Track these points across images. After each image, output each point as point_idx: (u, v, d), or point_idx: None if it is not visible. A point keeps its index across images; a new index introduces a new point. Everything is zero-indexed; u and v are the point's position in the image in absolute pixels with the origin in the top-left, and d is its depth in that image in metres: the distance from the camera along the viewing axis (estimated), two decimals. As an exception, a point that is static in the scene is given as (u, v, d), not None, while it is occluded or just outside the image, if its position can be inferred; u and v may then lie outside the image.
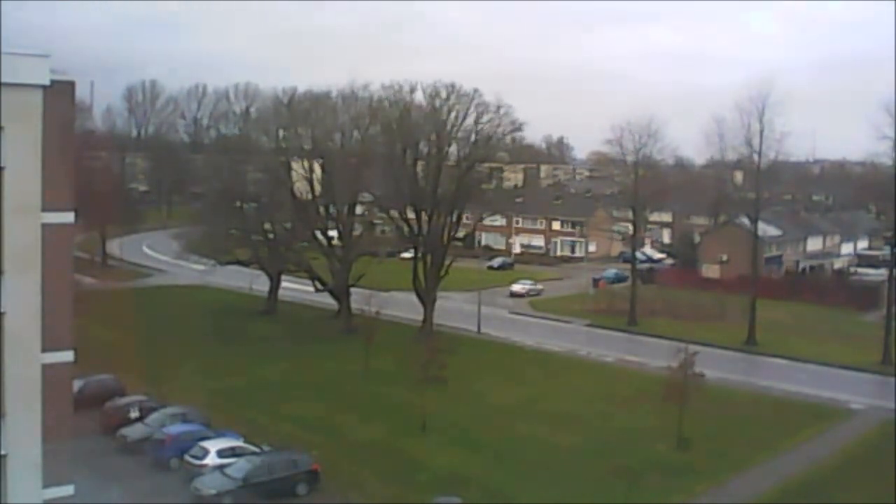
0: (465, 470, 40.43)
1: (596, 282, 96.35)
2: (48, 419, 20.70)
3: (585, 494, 38.22)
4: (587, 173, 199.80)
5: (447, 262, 72.30)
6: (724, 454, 43.67)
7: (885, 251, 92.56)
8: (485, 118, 72.37)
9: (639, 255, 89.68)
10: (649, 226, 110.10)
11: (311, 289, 77.93)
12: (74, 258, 24.83)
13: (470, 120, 72.07)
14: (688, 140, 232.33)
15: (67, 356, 21.22)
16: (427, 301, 70.93)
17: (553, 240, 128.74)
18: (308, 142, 76.68)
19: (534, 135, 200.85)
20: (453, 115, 71.83)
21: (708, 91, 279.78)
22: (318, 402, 50.97)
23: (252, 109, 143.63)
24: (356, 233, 75.91)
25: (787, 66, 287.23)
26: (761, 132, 69.95)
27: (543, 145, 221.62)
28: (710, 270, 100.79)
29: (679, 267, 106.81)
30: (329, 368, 58.80)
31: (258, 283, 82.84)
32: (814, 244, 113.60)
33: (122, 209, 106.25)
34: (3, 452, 20.27)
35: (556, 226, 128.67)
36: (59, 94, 20.35)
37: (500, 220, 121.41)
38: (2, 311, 20.04)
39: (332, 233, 75.88)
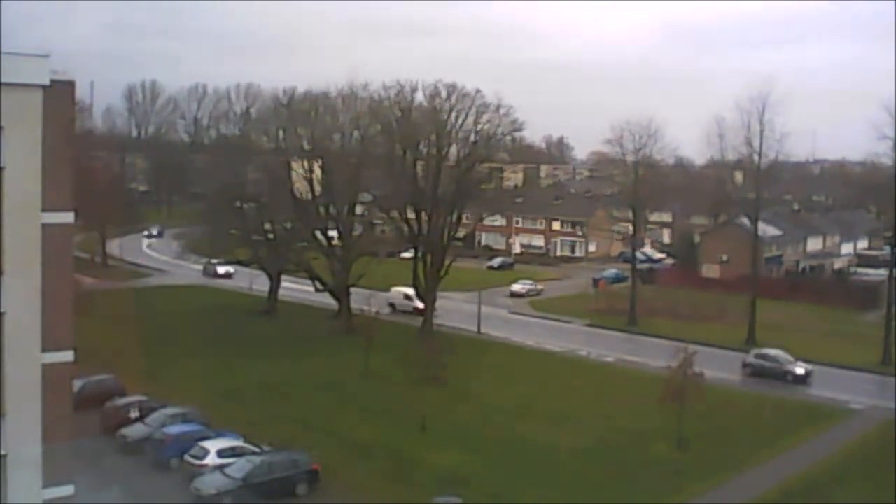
0: (464, 470, 40.40)
1: (596, 282, 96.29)
2: (48, 419, 20.72)
3: (585, 494, 38.23)
4: (587, 173, 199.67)
5: (447, 262, 72.28)
6: (725, 454, 43.64)
7: (885, 251, 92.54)
8: (485, 118, 72.48)
9: (639, 255, 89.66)
10: (649, 226, 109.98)
11: (311, 289, 77.94)
12: (74, 258, 24.84)
13: (470, 120, 72.14)
14: (688, 140, 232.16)
15: (67, 356, 21.25)
16: (427, 301, 70.94)
17: (553, 240, 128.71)
18: (308, 142, 76.70)
19: (534, 135, 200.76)
20: (453, 115, 71.85)
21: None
22: (317, 402, 50.96)
23: (252, 109, 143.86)
24: (356, 233, 75.92)
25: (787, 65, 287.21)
26: (761, 132, 70.01)
27: (543, 145, 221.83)
28: (710, 270, 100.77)
29: (679, 267, 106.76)
30: (329, 368, 58.77)
31: (258, 283, 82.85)
32: (814, 244, 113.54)
33: (122, 209, 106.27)
34: (3, 452, 20.29)
35: (556, 226, 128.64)
36: (59, 94, 20.38)
37: (500, 220, 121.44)
38: (2, 311, 20.06)
39: (332, 233, 75.89)
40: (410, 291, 76.66)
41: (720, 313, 78.74)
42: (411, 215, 72.70)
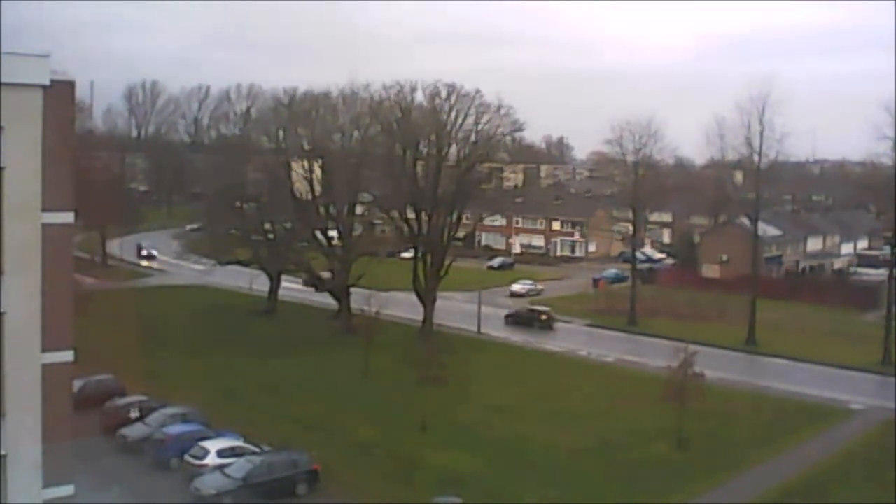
0: (465, 470, 40.41)
1: (596, 282, 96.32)
2: (48, 419, 20.72)
3: (585, 494, 38.23)
4: (587, 173, 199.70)
5: (447, 262, 72.27)
6: (724, 454, 43.65)
7: (885, 251, 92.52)
8: (485, 118, 72.47)
9: (639, 255, 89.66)
10: (649, 226, 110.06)
11: (311, 288, 77.93)
12: (74, 258, 24.84)
13: (470, 120, 72.13)
14: (688, 140, 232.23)
15: (67, 356, 21.25)
16: (427, 301, 70.91)
17: (553, 240, 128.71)
18: (308, 142, 76.69)
19: (534, 135, 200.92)
20: (453, 115, 71.84)
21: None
22: (317, 402, 50.95)
23: (252, 110, 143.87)
24: (356, 233, 75.89)
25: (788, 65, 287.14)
26: (761, 132, 70.05)
27: (543, 145, 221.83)
28: (710, 270, 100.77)
29: (679, 267, 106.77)
30: (329, 368, 58.78)
31: (258, 283, 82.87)
32: (814, 244, 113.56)
33: (122, 209, 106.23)
34: (3, 452, 20.29)
35: (556, 226, 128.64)
36: (59, 94, 20.38)
37: (500, 220, 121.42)
38: (2, 311, 20.06)
39: (332, 233, 75.88)
40: None
41: (720, 313, 78.74)
42: (411, 215, 72.66)
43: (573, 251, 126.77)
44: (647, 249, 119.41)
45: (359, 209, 78.46)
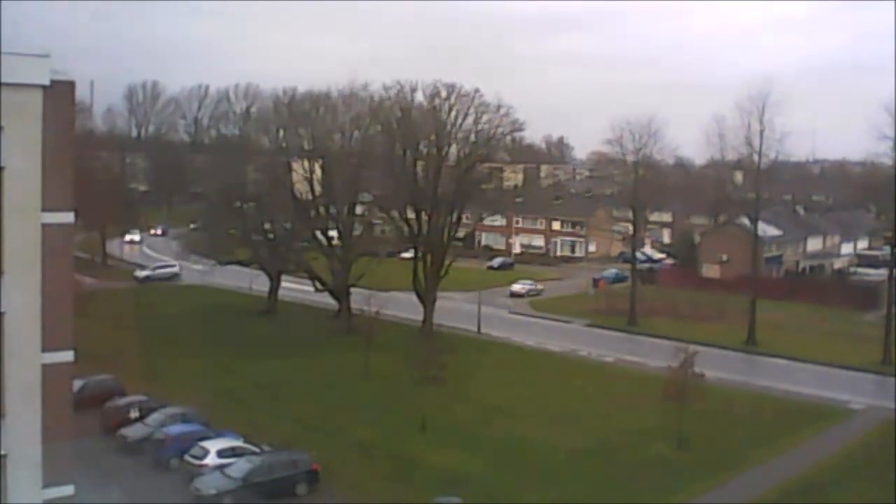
0: (465, 470, 40.41)
1: (596, 282, 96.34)
2: (48, 419, 20.74)
3: (585, 494, 38.23)
4: (587, 173, 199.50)
5: (447, 262, 72.28)
6: (724, 454, 43.64)
7: (885, 251, 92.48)
8: (485, 118, 72.50)
9: (639, 255, 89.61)
10: (649, 226, 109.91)
11: (311, 289, 77.95)
12: (74, 258, 24.85)
13: (470, 120, 72.15)
14: (688, 140, 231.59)
15: (67, 356, 21.26)
16: (427, 301, 70.92)
17: (553, 240, 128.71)
18: (308, 142, 76.68)
19: (534, 135, 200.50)
20: (453, 114, 71.86)
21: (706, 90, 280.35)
22: (317, 403, 50.96)
23: (252, 109, 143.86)
24: (356, 233, 75.89)
25: (787, 64, 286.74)
26: (761, 132, 70.01)
27: (543, 145, 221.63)
28: (710, 270, 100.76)
29: (679, 267, 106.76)
30: (329, 368, 58.78)
31: (258, 283, 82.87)
32: (814, 244, 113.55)
33: (122, 209, 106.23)
34: (3, 452, 20.31)
35: (556, 226, 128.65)
36: (59, 94, 20.39)
37: (500, 220, 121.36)
38: (2, 311, 20.07)
39: (332, 233, 75.88)
40: None
41: (720, 313, 78.73)
42: (411, 215, 72.65)
43: (573, 251, 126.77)
44: (647, 249, 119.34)
45: (359, 209, 78.40)
